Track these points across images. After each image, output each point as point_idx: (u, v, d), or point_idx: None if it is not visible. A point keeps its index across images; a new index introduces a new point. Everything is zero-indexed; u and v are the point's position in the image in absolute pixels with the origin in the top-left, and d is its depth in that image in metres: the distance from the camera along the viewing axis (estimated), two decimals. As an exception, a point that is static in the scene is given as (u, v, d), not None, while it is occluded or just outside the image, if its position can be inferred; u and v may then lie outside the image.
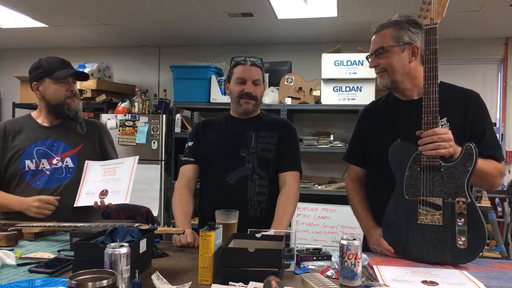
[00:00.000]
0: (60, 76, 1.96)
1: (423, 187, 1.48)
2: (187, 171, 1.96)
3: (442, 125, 1.60)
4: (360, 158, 1.84)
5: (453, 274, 1.33)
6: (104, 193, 1.86)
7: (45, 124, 2.05)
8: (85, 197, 1.89)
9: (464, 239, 1.42)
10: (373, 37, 1.68)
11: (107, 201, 1.85)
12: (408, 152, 1.50)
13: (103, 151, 2.16)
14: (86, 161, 2.00)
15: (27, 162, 1.98)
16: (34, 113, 2.10)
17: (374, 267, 1.39)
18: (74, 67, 2.15)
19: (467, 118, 1.59)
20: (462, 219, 1.42)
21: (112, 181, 1.92)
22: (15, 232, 1.67)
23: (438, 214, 1.45)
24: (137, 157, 2.00)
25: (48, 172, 1.99)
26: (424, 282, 1.26)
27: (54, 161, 2.01)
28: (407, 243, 1.50)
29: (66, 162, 2.03)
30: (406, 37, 1.61)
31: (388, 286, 1.22)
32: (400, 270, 1.37)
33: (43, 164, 1.99)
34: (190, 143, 1.99)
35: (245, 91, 1.88)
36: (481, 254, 1.42)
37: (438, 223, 1.45)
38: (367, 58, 1.74)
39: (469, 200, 1.42)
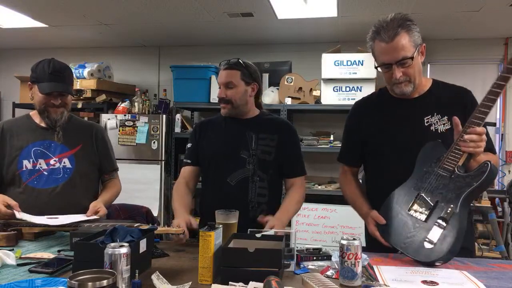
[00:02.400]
0: (43, 90, 1.94)
1: (428, 184, 1.52)
2: (185, 172, 1.98)
3: (443, 124, 1.64)
4: (355, 158, 1.84)
5: (453, 274, 1.33)
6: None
7: (43, 124, 2.04)
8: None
9: (433, 241, 1.43)
10: (387, 45, 1.56)
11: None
12: (438, 153, 1.54)
13: (101, 152, 2.15)
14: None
15: (25, 162, 1.98)
16: (33, 113, 2.09)
17: (374, 267, 1.39)
18: (74, 67, 2.14)
19: (465, 115, 1.59)
20: (443, 224, 1.44)
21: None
22: (15, 232, 1.67)
23: (426, 211, 1.49)
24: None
25: (45, 172, 1.99)
26: (424, 282, 1.26)
27: (52, 162, 2.00)
28: (390, 225, 1.55)
29: (64, 162, 2.02)
30: (417, 38, 1.57)
31: (388, 286, 1.22)
32: (400, 270, 1.37)
33: (40, 164, 1.99)
34: (189, 145, 2.01)
35: (218, 96, 1.93)
36: (439, 264, 1.41)
37: (421, 219, 1.49)
38: (377, 67, 1.65)
39: (457, 210, 1.44)
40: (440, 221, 1.45)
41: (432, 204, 1.49)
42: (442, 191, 1.48)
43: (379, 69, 1.65)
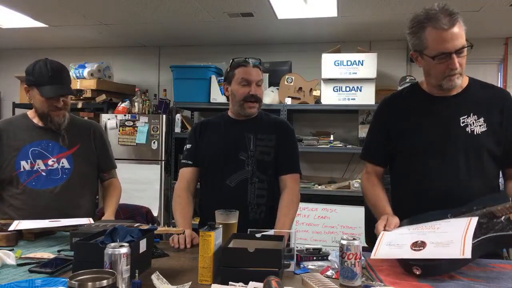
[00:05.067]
0: (46, 94, 1.90)
1: (464, 215, 1.42)
2: (186, 174, 1.96)
3: (480, 125, 1.55)
4: (382, 156, 1.73)
5: (454, 229, 1.34)
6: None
7: (41, 124, 2.01)
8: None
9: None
10: (446, 32, 1.42)
11: None
12: (497, 201, 1.41)
13: (99, 151, 2.14)
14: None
15: (22, 163, 1.95)
16: (30, 113, 2.05)
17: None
18: (74, 67, 2.13)
19: (502, 119, 1.55)
20: None
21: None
22: (15, 232, 1.67)
23: None
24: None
25: (43, 173, 1.97)
26: (414, 244, 1.31)
27: (50, 162, 1.98)
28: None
29: (62, 163, 2.00)
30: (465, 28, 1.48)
31: (388, 286, 1.22)
32: (402, 228, 1.45)
33: (38, 165, 1.97)
34: (188, 146, 1.99)
35: (250, 93, 1.85)
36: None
37: None
38: (433, 57, 1.48)
39: (473, 241, 1.36)
40: None
41: None
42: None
43: (432, 60, 1.49)
